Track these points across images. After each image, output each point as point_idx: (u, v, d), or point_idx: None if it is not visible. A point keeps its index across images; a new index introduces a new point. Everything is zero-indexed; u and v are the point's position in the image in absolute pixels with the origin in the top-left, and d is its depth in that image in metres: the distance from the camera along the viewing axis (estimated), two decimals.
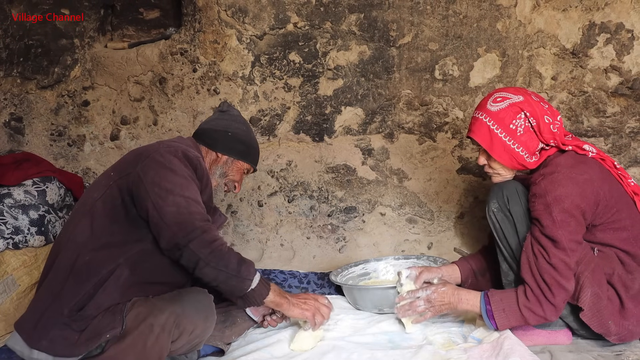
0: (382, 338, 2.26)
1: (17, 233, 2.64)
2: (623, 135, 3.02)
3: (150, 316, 1.78)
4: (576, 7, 2.97)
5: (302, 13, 3.16)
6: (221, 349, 2.14)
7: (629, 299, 2.01)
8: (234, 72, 3.23)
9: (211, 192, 2.13)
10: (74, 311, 1.82)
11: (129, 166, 1.96)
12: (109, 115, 3.37)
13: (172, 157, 1.95)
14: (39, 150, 3.38)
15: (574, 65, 3.01)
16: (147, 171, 1.90)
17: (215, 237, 1.87)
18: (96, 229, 1.90)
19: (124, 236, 1.90)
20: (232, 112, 2.33)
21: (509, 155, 2.10)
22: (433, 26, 3.10)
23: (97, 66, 3.34)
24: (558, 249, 1.96)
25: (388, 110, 3.21)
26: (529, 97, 2.10)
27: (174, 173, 1.91)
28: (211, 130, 2.25)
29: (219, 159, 2.24)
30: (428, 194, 3.24)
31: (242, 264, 1.90)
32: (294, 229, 3.30)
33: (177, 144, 2.07)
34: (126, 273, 1.87)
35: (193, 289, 1.92)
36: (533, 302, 1.99)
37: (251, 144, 2.30)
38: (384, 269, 2.86)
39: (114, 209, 1.91)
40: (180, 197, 1.86)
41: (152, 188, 1.87)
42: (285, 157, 3.30)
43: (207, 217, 1.91)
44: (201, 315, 1.85)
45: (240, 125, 2.29)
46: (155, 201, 1.85)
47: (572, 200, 1.95)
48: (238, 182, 2.30)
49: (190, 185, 1.92)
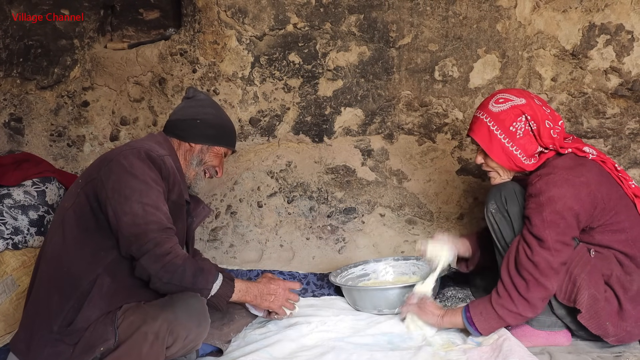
0: (382, 339, 2.26)
1: (17, 233, 2.64)
2: (623, 137, 3.02)
3: (144, 325, 1.76)
4: (576, 9, 2.97)
5: (302, 14, 3.16)
6: (220, 349, 2.14)
7: (627, 300, 2.01)
8: (234, 73, 3.23)
9: (182, 188, 2.07)
10: (63, 326, 1.81)
11: (93, 171, 1.93)
12: (108, 115, 3.37)
13: (134, 159, 1.90)
14: (39, 150, 3.38)
15: (574, 66, 3.01)
16: (109, 175, 1.87)
17: (167, 250, 1.83)
18: (69, 239, 1.87)
19: (96, 244, 1.87)
20: (199, 96, 2.25)
21: (506, 156, 2.11)
22: (433, 27, 3.10)
23: (97, 67, 3.34)
24: (543, 248, 1.97)
25: (388, 111, 3.21)
26: (532, 100, 2.11)
27: (134, 177, 1.86)
28: (179, 120, 2.18)
29: (192, 149, 2.17)
30: (427, 195, 3.24)
31: (199, 275, 1.89)
32: (294, 230, 3.30)
33: (143, 143, 2.01)
34: (108, 281, 1.85)
35: (185, 294, 1.88)
36: (504, 298, 2.00)
37: (223, 126, 2.22)
38: (384, 270, 2.86)
39: (83, 216, 1.88)
40: (138, 205, 1.82)
41: (113, 194, 1.84)
42: (284, 158, 3.30)
43: (166, 225, 1.87)
44: (194, 321, 1.83)
45: (207, 109, 2.20)
46: (115, 208, 1.83)
47: (564, 202, 1.95)
48: (218, 166, 2.24)
49: (150, 191, 1.87)
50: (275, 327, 2.36)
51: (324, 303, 2.67)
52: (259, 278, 2.28)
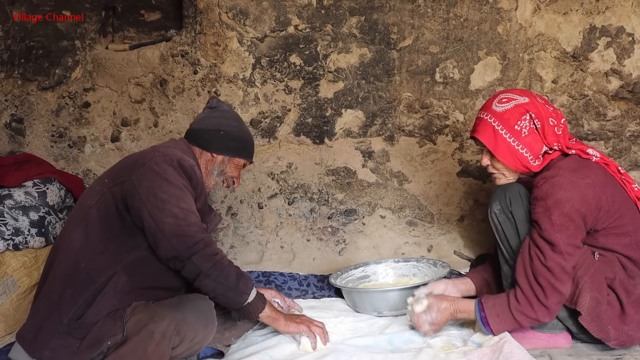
0: (382, 341, 2.25)
1: (18, 234, 2.64)
2: (623, 139, 3.02)
3: (151, 323, 1.78)
4: (577, 11, 2.97)
5: (303, 15, 3.16)
6: (220, 351, 2.14)
7: (630, 304, 2.01)
8: (235, 74, 3.24)
9: (205, 197, 2.14)
10: (73, 320, 1.82)
11: (123, 173, 1.95)
12: (109, 116, 3.38)
13: (167, 166, 1.94)
14: (40, 151, 3.38)
15: (575, 68, 3.01)
16: (142, 180, 1.90)
17: (216, 250, 1.92)
18: (91, 236, 1.90)
19: (119, 244, 1.89)
20: (222, 107, 2.29)
21: (513, 156, 2.10)
22: (434, 29, 3.10)
23: (98, 68, 3.34)
24: (555, 252, 1.96)
25: (388, 113, 3.21)
26: (535, 98, 2.11)
27: (169, 183, 1.90)
28: (203, 130, 2.22)
29: (214, 159, 2.22)
30: (428, 196, 3.24)
31: (241, 278, 1.95)
32: (294, 231, 3.30)
33: (172, 150, 2.05)
34: (124, 279, 1.87)
35: (194, 296, 1.92)
36: (524, 305, 1.99)
37: (244, 139, 2.27)
38: (384, 272, 2.86)
39: (108, 216, 1.91)
40: (176, 208, 1.87)
41: (148, 198, 1.87)
42: (285, 160, 3.30)
43: (204, 227, 1.94)
44: (202, 323, 1.85)
45: (231, 121, 2.25)
46: (152, 211, 1.85)
47: (572, 205, 1.95)
48: (236, 177, 2.30)
49: (185, 196, 1.93)
50: None
51: (324, 305, 2.67)
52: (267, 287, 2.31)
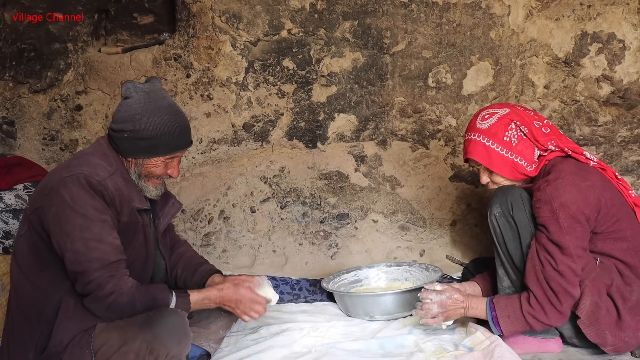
0: (374, 345, 2.25)
1: (8, 237, 2.63)
2: (614, 144, 3.04)
3: (124, 345, 1.73)
4: (569, 17, 2.99)
5: (297, 20, 3.17)
6: (208, 352, 2.11)
7: (626, 310, 2.02)
8: (228, 78, 3.23)
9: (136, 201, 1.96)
10: (38, 354, 1.80)
11: (37, 199, 1.87)
12: (101, 120, 3.36)
13: (73, 187, 1.80)
14: (31, 154, 3.36)
15: (567, 74, 3.03)
16: (49, 208, 1.81)
17: (110, 290, 1.78)
18: (24, 268, 1.86)
19: (54, 270, 1.83)
20: (134, 97, 1.94)
21: (509, 167, 2.13)
22: (427, 34, 3.12)
23: (91, 71, 3.33)
24: (565, 255, 1.97)
25: (381, 118, 3.21)
26: (514, 107, 2.17)
27: (73, 211, 1.78)
28: (112, 130, 1.98)
29: (129, 163, 1.99)
30: (420, 201, 3.25)
31: (150, 303, 1.85)
32: (287, 236, 3.29)
33: (85, 162, 1.90)
34: (72, 303, 1.82)
35: (165, 311, 1.84)
36: (537, 310, 2.00)
37: (158, 134, 1.92)
38: (376, 276, 2.86)
39: (35, 245, 1.85)
40: (79, 241, 1.77)
41: (54, 228, 1.79)
42: (278, 164, 3.30)
43: (109, 260, 1.79)
44: (174, 339, 1.79)
45: (138, 116, 1.91)
46: (58, 243, 1.79)
47: (577, 207, 1.97)
48: (164, 174, 2.02)
49: (91, 224, 1.79)
50: (267, 333, 2.35)
51: (316, 309, 2.66)
52: (234, 276, 2.19)
